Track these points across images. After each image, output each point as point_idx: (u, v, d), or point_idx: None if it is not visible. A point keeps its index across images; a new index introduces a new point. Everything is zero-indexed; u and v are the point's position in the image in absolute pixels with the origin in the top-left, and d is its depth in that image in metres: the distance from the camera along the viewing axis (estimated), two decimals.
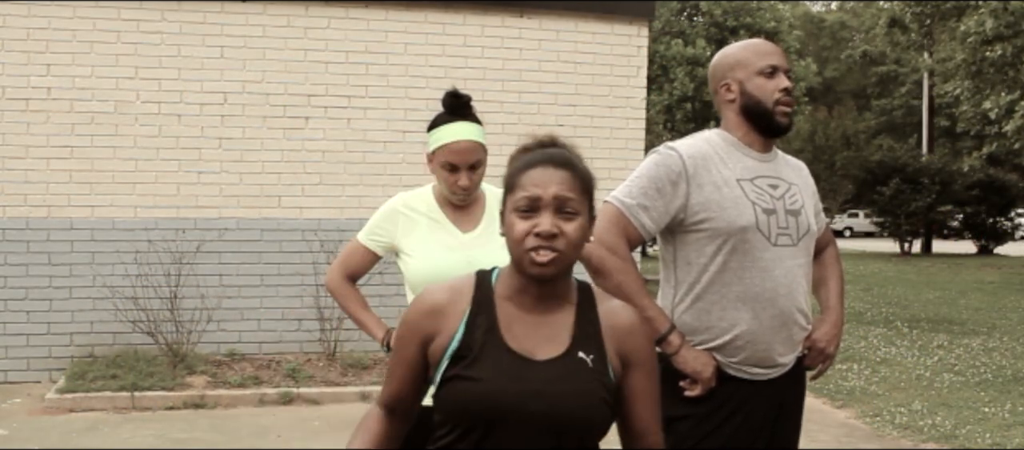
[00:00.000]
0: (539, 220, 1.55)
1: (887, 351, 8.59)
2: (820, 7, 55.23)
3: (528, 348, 1.58)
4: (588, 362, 1.57)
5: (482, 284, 1.65)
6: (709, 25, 33.45)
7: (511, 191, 1.61)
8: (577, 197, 1.58)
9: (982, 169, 25.35)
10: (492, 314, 1.60)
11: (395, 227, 2.59)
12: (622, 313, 1.67)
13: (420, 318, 1.64)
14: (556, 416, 1.53)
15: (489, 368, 1.55)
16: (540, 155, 1.62)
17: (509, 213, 1.60)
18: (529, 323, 1.60)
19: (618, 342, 1.63)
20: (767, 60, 2.36)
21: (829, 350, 2.46)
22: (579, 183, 1.59)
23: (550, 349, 1.58)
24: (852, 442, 5.58)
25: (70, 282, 7.08)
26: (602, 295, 1.69)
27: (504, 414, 1.53)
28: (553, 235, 1.54)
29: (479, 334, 1.58)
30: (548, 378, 1.55)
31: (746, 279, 2.27)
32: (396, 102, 7.57)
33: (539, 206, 1.55)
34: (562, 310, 1.62)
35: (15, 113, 6.98)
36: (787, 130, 2.38)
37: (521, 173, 1.60)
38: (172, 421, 5.83)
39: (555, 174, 1.57)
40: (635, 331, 1.65)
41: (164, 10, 7.17)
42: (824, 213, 2.62)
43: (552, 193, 1.55)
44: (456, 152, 2.47)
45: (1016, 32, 16.39)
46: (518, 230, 1.56)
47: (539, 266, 1.54)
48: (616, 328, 1.64)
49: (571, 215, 1.57)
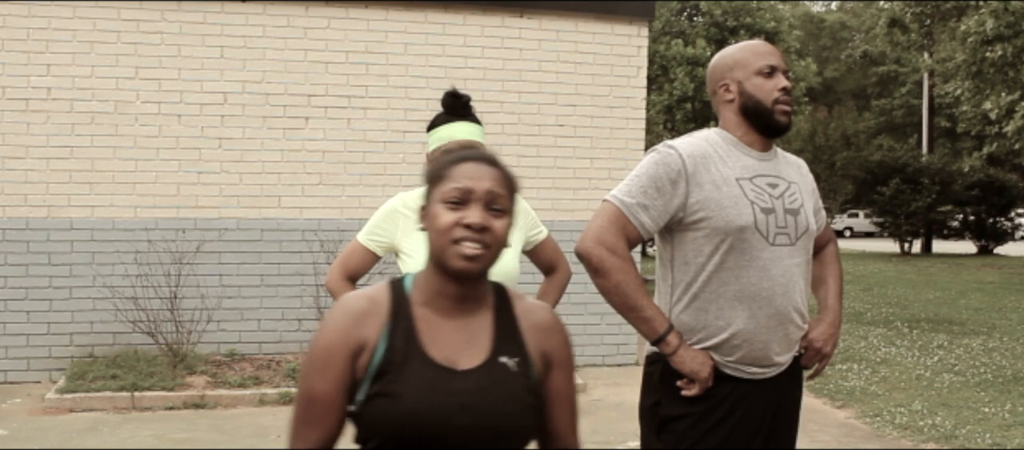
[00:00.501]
0: (468, 212, 1.51)
1: (887, 351, 8.59)
2: (820, 7, 55.23)
3: (449, 357, 1.52)
4: (511, 366, 1.53)
5: (397, 291, 1.58)
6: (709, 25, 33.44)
7: (438, 182, 1.56)
8: (506, 195, 1.55)
9: (982, 169, 25.36)
10: (410, 323, 1.53)
11: (395, 227, 2.59)
12: (540, 312, 1.63)
13: (347, 329, 1.52)
14: (484, 428, 1.48)
15: (411, 383, 1.48)
16: (470, 153, 1.59)
17: (434, 204, 1.55)
18: (449, 329, 1.54)
19: (539, 342, 1.59)
20: (765, 60, 2.36)
21: (826, 350, 2.46)
22: (508, 182, 1.57)
23: (472, 356, 1.53)
24: (852, 442, 5.58)
25: (70, 282, 7.08)
26: (517, 295, 1.65)
27: (430, 431, 1.47)
28: (484, 228, 1.50)
29: (399, 346, 1.51)
30: (473, 389, 1.49)
31: (743, 278, 2.27)
32: (396, 102, 7.57)
33: (470, 199, 1.52)
34: (480, 313, 1.57)
35: (15, 113, 6.99)
36: (786, 129, 2.38)
37: (451, 167, 1.56)
38: (172, 421, 5.83)
39: (487, 170, 1.55)
40: (554, 330, 1.62)
41: (164, 10, 7.17)
42: (824, 213, 2.62)
43: (485, 187, 1.52)
44: None
45: (1016, 32, 16.40)
46: (444, 220, 1.51)
47: (466, 259, 1.49)
48: (536, 327, 1.60)
49: (500, 212, 1.53)
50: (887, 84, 46.60)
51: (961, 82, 19.05)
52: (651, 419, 2.36)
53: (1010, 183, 25.09)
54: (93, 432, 5.56)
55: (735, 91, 2.37)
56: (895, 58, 40.72)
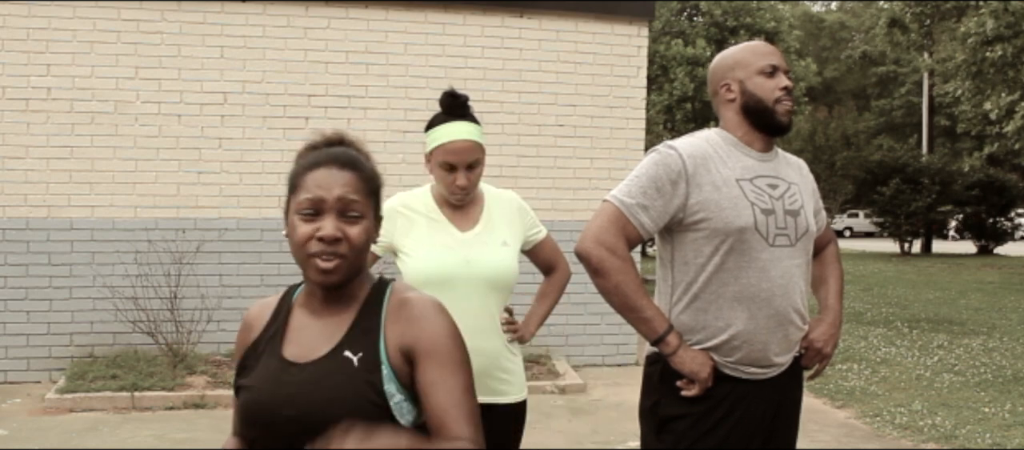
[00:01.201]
0: (322, 224, 1.50)
1: (887, 351, 8.59)
2: (820, 7, 55.22)
3: (299, 353, 1.54)
4: (354, 361, 1.50)
5: (285, 296, 1.65)
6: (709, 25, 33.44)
7: (294, 192, 1.55)
8: (361, 199, 1.53)
9: (982, 169, 25.36)
10: (283, 323, 1.59)
11: (394, 227, 2.59)
12: (415, 305, 1.55)
13: (239, 333, 1.66)
14: (308, 420, 1.45)
15: (258, 375, 1.54)
16: (323, 155, 1.56)
17: (292, 215, 1.54)
18: (312, 327, 1.57)
19: (400, 335, 1.53)
20: (767, 60, 2.37)
21: (826, 350, 2.46)
22: (364, 184, 1.55)
23: (316, 351, 1.53)
24: (852, 442, 5.58)
25: (70, 282, 7.08)
26: (399, 289, 1.60)
27: (264, 420, 1.50)
28: (337, 239, 1.49)
29: (263, 344, 1.58)
30: (303, 381, 1.49)
31: (743, 279, 2.27)
32: (396, 102, 7.57)
33: (322, 208, 1.51)
34: (346, 310, 1.57)
35: (15, 113, 6.99)
36: (788, 129, 2.39)
37: (304, 174, 1.54)
38: (172, 421, 5.83)
39: (339, 176, 1.52)
40: (424, 320, 1.53)
41: (164, 10, 7.17)
42: (824, 214, 2.62)
43: (335, 195, 1.51)
44: (453, 152, 2.47)
45: (1016, 33, 16.40)
46: (300, 234, 1.51)
47: (322, 273, 1.50)
48: (402, 320, 1.54)
49: (355, 218, 1.52)
50: (887, 84, 46.60)
51: (961, 82, 19.05)
52: (651, 419, 2.36)
53: (1010, 183, 25.09)
54: (93, 432, 5.56)
55: (737, 90, 2.37)
56: (895, 58, 40.72)
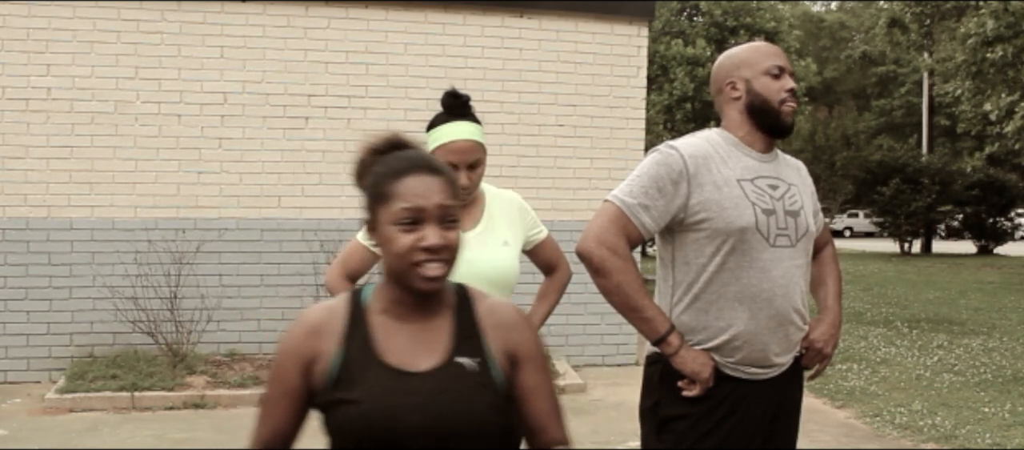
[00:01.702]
0: (424, 233, 1.48)
1: (887, 351, 8.59)
2: (820, 7, 55.23)
3: (406, 361, 1.51)
4: (469, 367, 1.51)
5: (355, 302, 1.59)
6: (709, 25, 33.43)
7: (384, 202, 1.52)
8: (455, 202, 1.53)
9: (982, 169, 25.36)
10: (366, 331, 1.54)
11: None
12: (502, 309, 1.60)
13: (300, 340, 1.56)
14: (439, 428, 1.46)
15: (367, 387, 1.49)
16: (409, 160, 1.54)
17: (385, 226, 1.51)
18: (407, 334, 1.54)
19: (503, 340, 1.56)
20: (773, 61, 2.37)
21: (826, 350, 2.46)
22: (452, 188, 1.54)
23: (429, 359, 1.52)
24: (852, 442, 5.58)
25: (70, 282, 7.07)
26: (480, 294, 1.62)
27: (387, 433, 1.46)
28: (443, 247, 1.49)
29: (355, 353, 1.52)
30: (427, 390, 1.48)
31: (743, 279, 2.27)
32: (396, 102, 7.57)
33: (423, 217, 1.49)
34: (440, 316, 1.56)
35: (15, 113, 6.98)
36: (790, 130, 2.40)
37: (393, 182, 1.52)
38: (172, 421, 5.83)
39: (433, 182, 1.51)
40: (518, 326, 1.58)
41: (164, 10, 7.17)
42: (824, 213, 2.62)
43: (435, 203, 1.49)
44: (455, 151, 2.47)
45: (1016, 33, 16.39)
46: (401, 244, 1.49)
47: (429, 281, 1.49)
48: (499, 326, 1.57)
49: (452, 223, 1.51)
50: (887, 84, 46.60)
51: (961, 82, 19.04)
52: (651, 419, 2.36)
53: (1010, 183, 25.09)
54: (93, 432, 5.56)
55: (742, 89, 2.37)
56: (895, 58, 40.72)
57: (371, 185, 1.56)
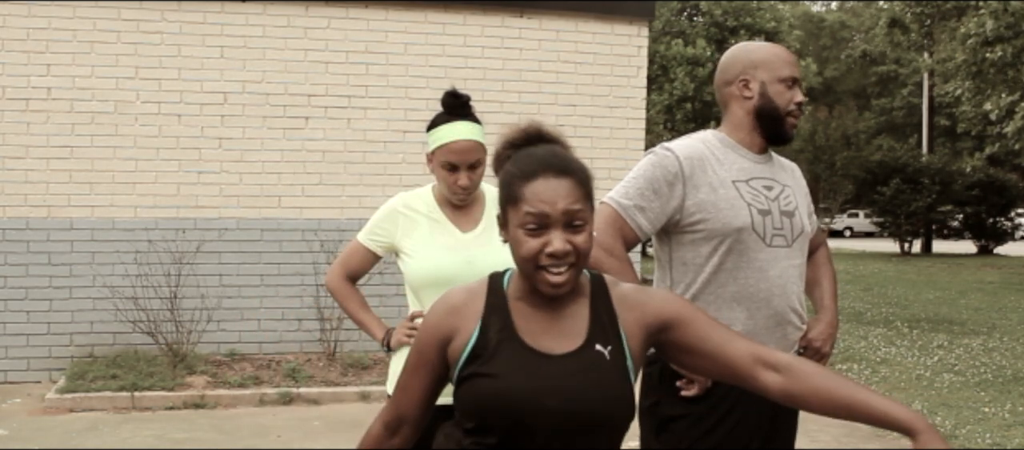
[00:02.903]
0: (549, 238, 1.49)
1: (887, 351, 8.59)
2: (820, 7, 55.23)
3: (544, 344, 1.55)
4: (606, 354, 1.54)
5: (494, 286, 1.62)
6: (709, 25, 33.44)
7: (513, 204, 1.53)
8: (583, 206, 1.52)
9: (982, 169, 25.36)
10: (506, 313, 1.57)
11: (395, 227, 2.59)
12: (633, 291, 1.63)
13: (441, 317, 1.61)
14: (574, 412, 1.49)
15: (505, 364, 1.52)
16: (538, 161, 1.54)
17: (513, 228, 1.53)
18: (543, 320, 1.57)
19: (639, 319, 1.59)
20: (790, 70, 2.37)
21: (825, 349, 2.47)
22: (582, 189, 1.53)
23: (566, 344, 1.55)
24: (852, 442, 5.58)
25: (70, 282, 7.08)
26: (613, 283, 1.64)
27: (521, 410, 1.49)
28: (567, 253, 1.49)
29: (494, 333, 1.55)
30: (565, 373, 1.51)
31: (741, 279, 2.28)
32: (396, 102, 7.57)
33: (548, 223, 1.49)
34: (576, 304, 1.59)
35: (15, 113, 6.99)
36: (791, 141, 2.41)
37: (522, 184, 1.52)
38: (172, 421, 5.83)
39: (560, 185, 1.51)
40: (650, 298, 1.61)
41: (164, 10, 7.17)
42: (824, 213, 2.62)
43: (561, 209, 1.49)
44: (455, 151, 2.47)
45: (1016, 33, 16.39)
46: (528, 248, 1.50)
47: (553, 286, 1.51)
48: (633, 307, 1.60)
49: (580, 226, 1.51)
50: (887, 84, 46.60)
51: (961, 82, 19.05)
52: (651, 419, 2.36)
53: (1010, 183, 25.09)
54: (93, 432, 5.56)
55: (755, 90, 2.36)
56: (895, 58, 40.73)
57: (503, 184, 1.57)
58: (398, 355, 2.60)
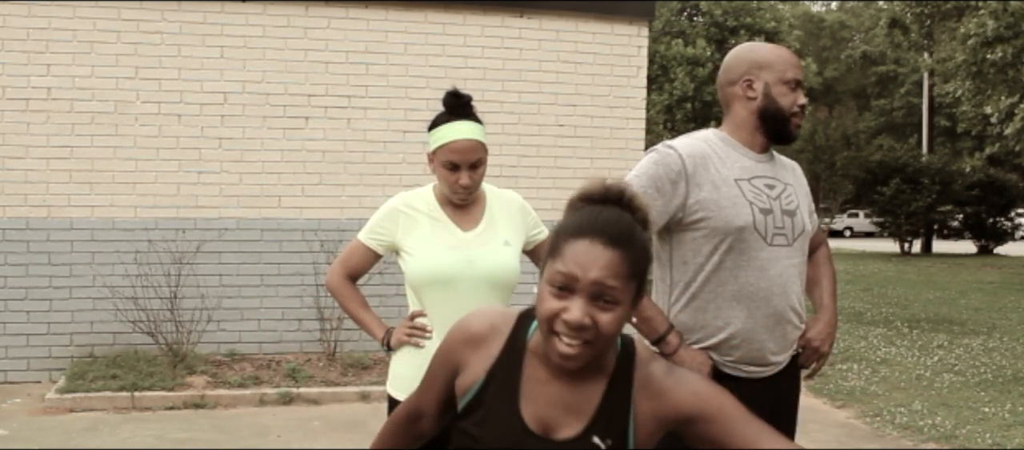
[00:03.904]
0: (570, 305, 1.36)
1: (887, 351, 8.59)
2: (820, 7, 55.23)
3: (543, 419, 1.43)
4: (602, 448, 1.41)
5: (518, 330, 1.50)
6: (709, 25, 33.45)
7: (552, 257, 1.40)
8: (621, 285, 1.36)
9: (982, 169, 25.37)
10: (516, 371, 1.46)
11: (396, 226, 2.59)
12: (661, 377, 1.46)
13: (457, 344, 1.52)
14: None
15: (494, 434, 1.43)
16: (592, 222, 1.39)
17: (544, 283, 1.40)
18: (553, 389, 1.44)
19: (656, 413, 1.44)
20: (794, 73, 2.37)
21: (824, 349, 2.47)
22: (628, 267, 1.37)
23: (566, 426, 1.43)
24: (852, 442, 5.58)
25: (70, 282, 7.08)
26: (644, 361, 1.48)
27: None
28: (583, 327, 1.35)
29: (495, 391, 1.46)
30: None
31: (741, 278, 2.28)
32: (396, 102, 7.57)
33: (574, 288, 1.36)
34: (593, 381, 1.44)
35: (15, 113, 6.99)
36: (794, 141, 2.42)
37: (566, 239, 1.39)
38: (172, 421, 5.83)
39: (602, 254, 1.35)
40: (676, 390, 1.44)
41: (164, 10, 7.17)
42: (824, 213, 2.63)
43: (591, 278, 1.35)
44: (457, 151, 2.47)
45: (1017, 33, 16.40)
46: (546, 308, 1.38)
47: (562, 358, 1.37)
48: (653, 398, 1.44)
49: (610, 304, 1.36)
50: (887, 84, 46.61)
51: (961, 82, 19.05)
52: None
53: (1010, 183, 25.09)
54: (93, 432, 5.56)
55: (759, 91, 2.36)
56: (895, 58, 40.75)
57: (554, 232, 1.44)
58: (398, 355, 2.60)
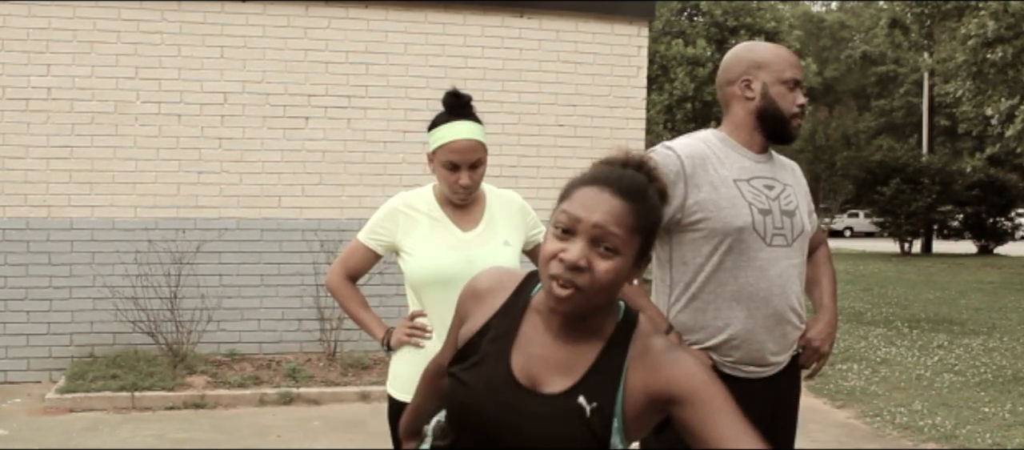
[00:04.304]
0: (569, 246, 1.35)
1: (887, 351, 8.59)
2: (820, 7, 55.23)
3: (533, 372, 1.43)
4: (586, 410, 1.38)
5: (524, 287, 1.53)
6: (709, 25, 33.45)
7: (559, 201, 1.41)
8: (623, 233, 1.35)
9: (982, 169, 25.37)
10: (514, 324, 1.48)
11: (396, 226, 2.59)
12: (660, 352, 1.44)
13: (465, 298, 1.59)
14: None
15: (483, 379, 1.44)
16: (605, 174, 1.40)
17: (550, 226, 1.41)
18: (548, 346, 1.45)
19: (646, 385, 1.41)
20: (793, 73, 2.36)
21: (824, 349, 2.47)
22: (633, 219, 1.36)
23: (554, 381, 1.42)
24: (852, 442, 5.58)
25: (70, 282, 7.08)
26: (645, 333, 1.46)
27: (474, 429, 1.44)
28: (578, 268, 1.34)
29: (491, 338, 1.47)
30: (534, 414, 1.39)
31: (741, 278, 2.28)
32: (396, 102, 7.57)
33: (576, 230, 1.35)
34: (589, 343, 1.44)
35: (15, 113, 6.99)
36: (794, 141, 2.42)
37: (577, 186, 1.40)
38: (172, 421, 5.83)
39: (609, 201, 1.35)
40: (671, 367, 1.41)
41: (164, 10, 7.17)
42: (824, 213, 2.63)
43: (593, 220, 1.34)
44: (457, 151, 2.47)
45: (1017, 34, 16.39)
46: (546, 249, 1.38)
47: (555, 299, 1.37)
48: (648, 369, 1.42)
49: (609, 252, 1.35)
50: (887, 84, 46.61)
51: (961, 83, 19.04)
52: None
53: (1010, 183, 25.09)
54: (93, 432, 5.56)
55: (758, 91, 2.36)
56: (895, 58, 40.75)
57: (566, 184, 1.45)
58: (398, 355, 2.60)
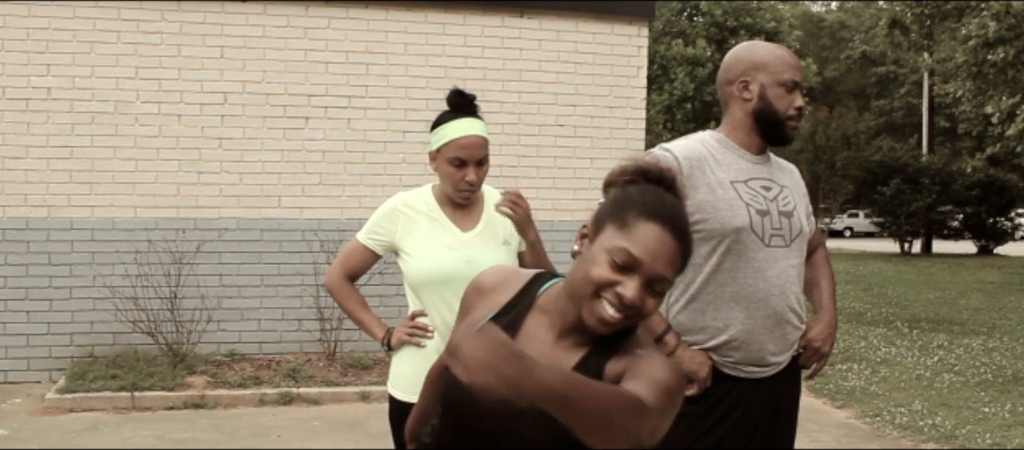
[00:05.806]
0: (626, 282, 1.38)
1: (887, 351, 8.59)
2: (820, 7, 55.23)
3: None
4: None
5: (529, 287, 1.56)
6: (709, 25, 33.45)
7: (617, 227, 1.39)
8: (673, 277, 1.41)
9: (982, 169, 25.37)
10: (516, 321, 1.52)
11: (395, 226, 2.59)
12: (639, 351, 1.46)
13: (470, 294, 1.62)
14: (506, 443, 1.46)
15: None
16: (668, 210, 1.40)
17: (599, 250, 1.40)
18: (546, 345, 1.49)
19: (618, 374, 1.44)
20: (792, 74, 2.35)
21: (824, 349, 2.48)
22: (682, 261, 1.42)
23: None
24: (852, 442, 5.58)
25: (70, 282, 7.08)
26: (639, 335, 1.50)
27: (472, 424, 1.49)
28: (633, 308, 1.38)
29: None
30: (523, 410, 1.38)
31: (740, 279, 2.28)
32: (396, 102, 7.58)
33: (635, 269, 1.38)
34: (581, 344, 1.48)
35: (15, 113, 6.99)
36: (789, 143, 2.41)
37: (639, 219, 1.39)
38: (172, 421, 5.83)
39: (671, 247, 1.38)
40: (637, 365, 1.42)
41: (164, 10, 7.17)
42: (824, 213, 2.63)
43: (656, 269, 1.38)
44: (465, 147, 2.47)
45: (1018, 34, 16.38)
46: (599, 274, 1.39)
47: (601, 323, 1.39)
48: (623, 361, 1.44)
49: (658, 293, 1.41)
50: (887, 84, 46.61)
51: (962, 83, 19.04)
52: None
53: (1010, 183, 25.09)
54: (93, 432, 5.56)
55: (755, 93, 2.36)
56: (895, 58, 40.74)
57: (620, 199, 1.44)
58: (399, 355, 2.60)
